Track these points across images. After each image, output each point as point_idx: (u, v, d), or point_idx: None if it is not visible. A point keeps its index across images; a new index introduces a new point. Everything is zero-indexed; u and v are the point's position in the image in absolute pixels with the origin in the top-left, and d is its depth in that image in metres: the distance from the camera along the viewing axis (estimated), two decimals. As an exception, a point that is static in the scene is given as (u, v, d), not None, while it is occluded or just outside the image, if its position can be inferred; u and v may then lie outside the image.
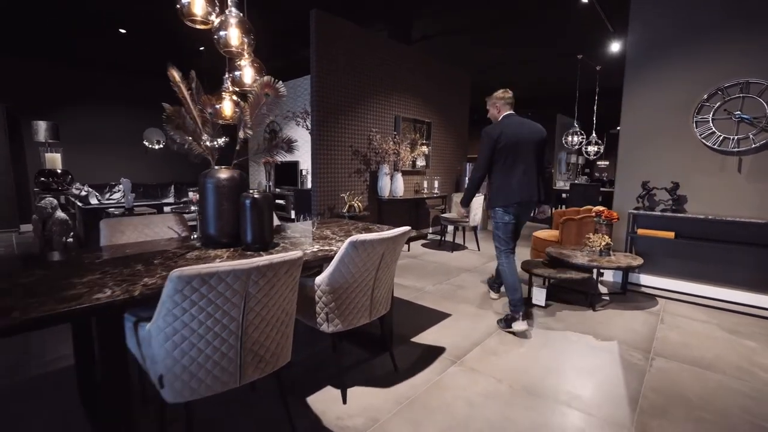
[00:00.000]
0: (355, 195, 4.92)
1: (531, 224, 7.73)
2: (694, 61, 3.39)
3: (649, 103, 3.63)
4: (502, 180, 2.77)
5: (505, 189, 2.75)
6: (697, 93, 3.38)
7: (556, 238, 3.93)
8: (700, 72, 3.36)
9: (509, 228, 2.84)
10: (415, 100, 5.84)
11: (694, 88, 3.39)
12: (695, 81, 3.38)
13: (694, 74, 3.39)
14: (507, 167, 2.76)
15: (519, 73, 8.62)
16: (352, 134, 4.94)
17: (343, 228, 2.63)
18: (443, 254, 5.04)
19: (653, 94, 3.61)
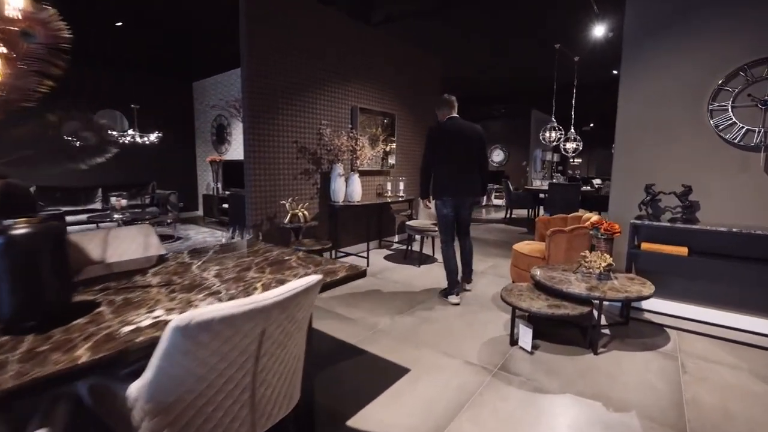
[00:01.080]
0: (300, 201, 4.07)
1: (507, 231, 7.10)
2: (707, 35, 2.74)
3: (651, 89, 2.97)
4: (438, 176, 3.25)
5: (440, 184, 3.23)
6: (712, 74, 2.73)
7: (541, 253, 3.22)
8: (715, 48, 2.71)
9: (448, 220, 3.26)
10: (377, 89, 5.04)
11: (708, 68, 2.74)
12: (709, 59, 2.74)
13: (708, 51, 2.74)
14: (443, 164, 3.21)
15: (493, 64, 7.98)
16: (297, 128, 4.08)
17: (243, 264, 1.79)
18: (408, 270, 4.26)
19: (657, 79, 2.95)
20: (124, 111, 7.23)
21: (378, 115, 5.04)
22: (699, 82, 2.78)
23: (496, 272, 4.21)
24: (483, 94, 10.96)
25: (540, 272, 2.69)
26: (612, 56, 7.18)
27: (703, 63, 2.76)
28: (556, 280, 2.51)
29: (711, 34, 2.73)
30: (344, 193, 4.35)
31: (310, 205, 4.32)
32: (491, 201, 11.18)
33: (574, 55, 7.09)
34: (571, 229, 3.01)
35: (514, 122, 13.17)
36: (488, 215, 9.22)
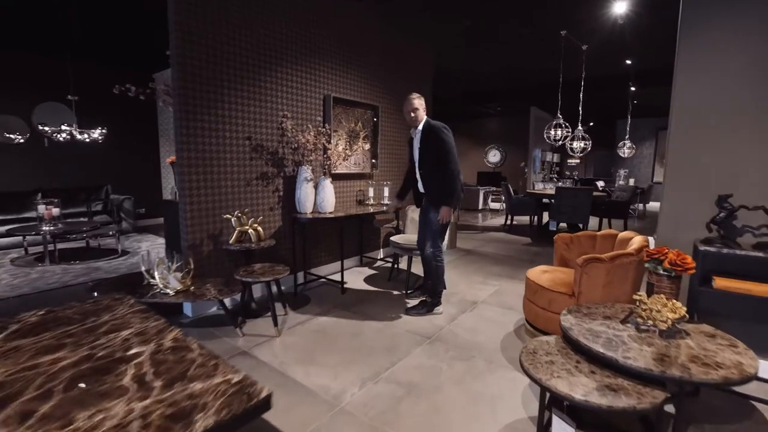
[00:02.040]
0: (255, 214, 3.21)
1: (509, 242, 6.28)
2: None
3: (725, 66, 2.16)
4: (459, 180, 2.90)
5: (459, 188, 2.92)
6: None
7: (567, 288, 2.39)
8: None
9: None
10: (357, 76, 4.19)
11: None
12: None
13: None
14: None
15: (489, 57, 7.18)
16: (252, 120, 3.21)
17: (24, 380, 0.92)
18: (393, 299, 3.41)
19: (734, 52, 2.14)
20: (78, 105, 6.28)
21: (357, 106, 4.19)
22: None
23: (502, 302, 3.37)
24: (477, 91, 10.17)
25: (574, 321, 1.86)
26: (622, 45, 6.44)
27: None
28: (604, 340, 1.68)
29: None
30: (313, 202, 3.49)
31: (270, 219, 3.45)
32: (488, 205, 10.38)
33: (582, 43, 6.32)
34: (611, 258, 2.18)
35: (512, 120, 12.39)
36: (485, 221, 8.41)
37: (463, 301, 3.35)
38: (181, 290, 2.48)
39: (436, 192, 2.94)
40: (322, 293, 3.54)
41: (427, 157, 2.91)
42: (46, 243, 4.44)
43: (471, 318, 2.99)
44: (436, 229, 2.95)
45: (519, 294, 3.52)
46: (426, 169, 2.97)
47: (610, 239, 2.73)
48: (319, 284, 3.78)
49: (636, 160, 12.81)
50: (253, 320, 2.89)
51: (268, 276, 2.64)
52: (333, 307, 3.20)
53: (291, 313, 3.05)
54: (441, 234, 2.99)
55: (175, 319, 2.88)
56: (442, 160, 2.81)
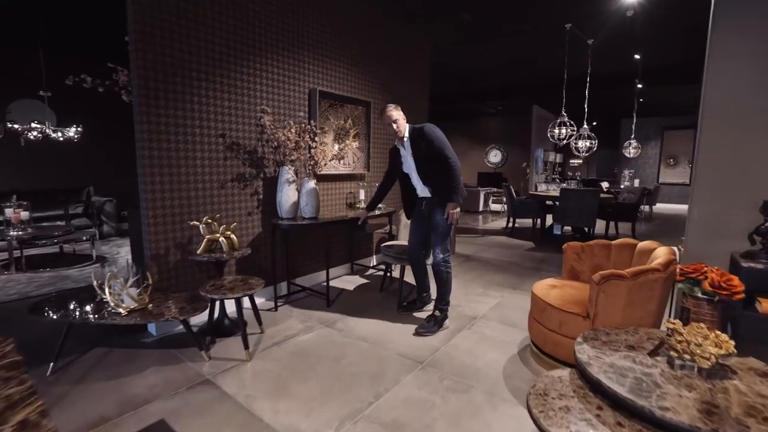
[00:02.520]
0: (230, 219, 2.88)
1: (510, 247, 5.95)
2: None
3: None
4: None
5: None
6: None
7: (581, 307, 2.06)
8: None
9: None
10: (346, 69, 3.87)
11: None
12: None
13: None
14: None
15: (490, 53, 6.86)
16: (226, 116, 2.89)
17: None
18: (384, 314, 3.08)
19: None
20: (57, 102, 5.96)
21: (347, 102, 3.86)
22: None
23: (504, 317, 3.04)
24: (477, 88, 9.85)
25: (592, 354, 1.53)
26: (630, 39, 6.11)
27: None
28: (632, 381, 1.35)
29: None
30: (296, 205, 3.17)
31: (249, 224, 3.13)
32: (488, 206, 10.05)
33: (588, 36, 6.00)
34: (634, 274, 1.85)
35: (513, 120, 12.08)
36: (486, 224, 8.08)
37: (461, 317, 3.02)
38: (137, 309, 2.16)
39: (440, 189, 2.69)
40: (305, 306, 3.21)
41: (425, 158, 2.70)
42: (11, 249, 4.12)
43: (470, 337, 2.66)
44: (443, 231, 2.71)
45: (523, 308, 3.20)
46: (426, 170, 2.74)
47: (627, 250, 2.40)
48: (304, 296, 3.45)
49: (641, 161, 12.48)
50: (225, 340, 2.57)
51: (239, 291, 2.31)
52: (317, 323, 2.88)
53: (268, 331, 2.72)
54: (449, 237, 2.76)
55: (136, 339, 2.56)
56: (440, 155, 2.61)
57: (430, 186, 2.76)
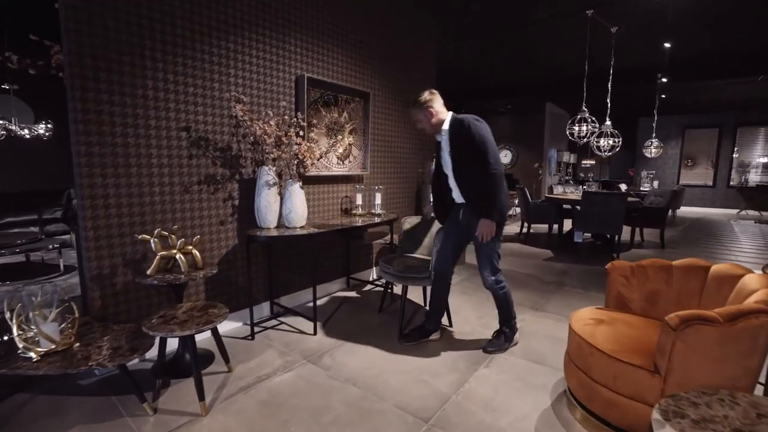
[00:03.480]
0: (185, 231, 2.37)
1: (527, 256, 5.39)
2: None
3: None
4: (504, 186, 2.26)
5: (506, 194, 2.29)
6: None
7: (641, 353, 1.52)
8: None
9: None
10: (341, 55, 3.35)
11: None
12: None
13: None
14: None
15: (501, 47, 6.31)
16: (191, 105, 2.39)
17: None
18: (381, 343, 2.55)
19: None
20: (29, 94, 5.52)
21: (342, 92, 3.35)
22: None
23: (528, 350, 2.50)
24: (487, 86, 9.30)
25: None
26: (659, 26, 5.53)
27: None
28: None
29: None
30: (277, 213, 2.66)
31: (221, 236, 2.62)
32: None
33: (611, 24, 5.43)
34: (729, 317, 1.31)
35: (525, 118, 11.48)
36: (497, 229, 7.50)
37: (475, 348, 2.48)
38: (54, 351, 1.66)
39: (475, 199, 2.31)
40: (289, 332, 2.70)
41: (462, 157, 2.29)
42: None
43: (488, 379, 2.13)
44: (487, 248, 2.33)
45: (550, 336, 2.65)
46: (461, 172, 2.32)
47: (695, 274, 1.85)
48: (288, 318, 2.94)
49: (660, 161, 11.81)
50: (184, 381, 2.06)
51: (192, 325, 1.79)
52: (299, 356, 2.36)
53: (238, 369, 2.21)
54: (496, 254, 2.36)
55: (70, 380, 2.06)
56: (479, 157, 2.19)
57: (464, 192, 2.35)
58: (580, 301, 3.39)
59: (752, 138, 10.62)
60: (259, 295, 2.91)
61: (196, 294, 2.54)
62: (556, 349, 2.46)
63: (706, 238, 6.66)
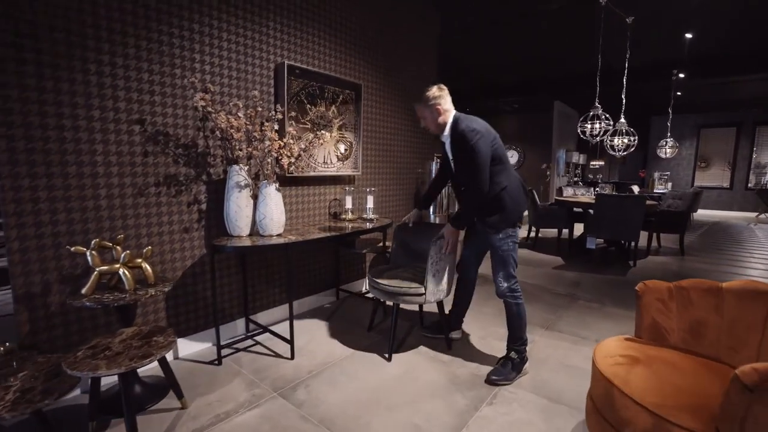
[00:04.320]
0: (142, 240, 2.03)
1: (535, 264, 5.01)
2: None
3: None
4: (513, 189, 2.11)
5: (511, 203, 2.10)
6: None
7: (692, 411, 1.15)
8: None
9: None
10: (329, 40, 3.01)
11: None
12: None
13: None
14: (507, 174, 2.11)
15: (506, 41, 5.93)
16: (146, 93, 2.05)
17: None
18: (369, 371, 2.20)
19: None
20: None
21: (330, 83, 3.00)
22: None
23: (540, 382, 2.12)
24: (491, 84, 8.91)
25: None
26: (679, 16, 5.12)
27: None
28: None
29: None
30: (250, 218, 2.32)
31: (184, 245, 2.28)
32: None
33: (626, 14, 5.04)
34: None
35: (532, 117, 11.09)
36: (503, 233, 7.10)
37: (477, 379, 2.12)
38: (-54, 396, 1.32)
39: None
40: (262, 356, 2.35)
41: (458, 161, 2.19)
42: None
43: (491, 421, 1.76)
44: (502, 254, 2.13)
45: (564, 364, 2.28)
46: (460, 176, 2.22)
47: (754, 300, 1.47)
48: (265, 337, 2.59)
49: (673, 162, 11.34)
50: (126, 421, 1.71)
51: (124, 360, 1.45)
52: (269, 388, 2.01)
53: (194, 405, 1.86)
54: (512, 258, 2.14)
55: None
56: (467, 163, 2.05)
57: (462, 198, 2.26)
58: (598, 319, 3.00)
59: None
60: (232, 311, 2.57)
61: (155, 312, 2.20)
62: (574, 382, 2.09)
63: (728, 244, 6.22)
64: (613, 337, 1.68)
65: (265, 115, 2.39)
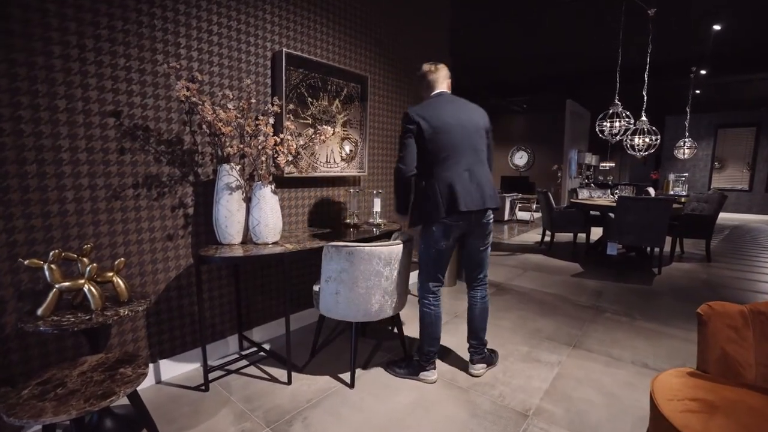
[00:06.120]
0: (112, 249, 1.77)
1: (552, 271, 4.70)
2: None
3: None
4: (431, 185, 1.91)
5: (434, 198, 1.89)
6: None
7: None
8: None
9: (442, 256, 1.99)
10: (332, 28, 2.74)
11: None
12: None
13: None
14: (439, 165, 1.90)
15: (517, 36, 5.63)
16: (123, 82, 1.80)
17: None
18: (376, 397, 1.92)
19: None
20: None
21: (333, 75, 2.73)
22: None
23: (576, 414, 1.83)
24: (501, 82, 8.61)
25: None
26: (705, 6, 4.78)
27: None
28: None
29: None
30: (243, 225, 2.06)
31: (168, 255, 2.01)
32: (515, 215, 8.76)
33: (649, 6, 4.73)
34: None
35: (542, 117, 10.79)
36: (513, 237, 6.81)
37: (502, 411, 1.83)
38: None
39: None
40: (258, 379, 2.07)
41: None
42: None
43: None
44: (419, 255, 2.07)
45: (601, 389, 1.98)
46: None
47: None
48: (260, 357, 2.32)
49: (689, 163, 10.96)
50: (90, 464, 1.44)
51: (78, 400, 1.18)
52: (261, 421, 1.73)
53: (173, 444, 1.60)
54: (424, 265, 2.05)
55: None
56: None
57: None
58: (629, 336, 2.70)
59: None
60: (223, 327, 2.30)
61: (134, 331, 1.93)
62: (614, 413, 1.80)
63: (756, 250, 5.87)
64: (673, 370, 1.39)
65: (261, 109, 2.13)
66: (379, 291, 1.96)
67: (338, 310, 1.99)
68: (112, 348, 1.84)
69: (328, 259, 1.96)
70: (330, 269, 1.96)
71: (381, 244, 1.90)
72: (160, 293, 2.00)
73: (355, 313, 1.98)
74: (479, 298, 2.14)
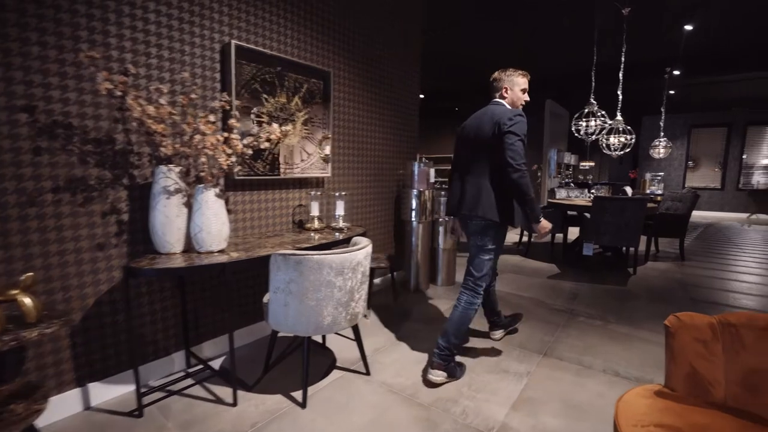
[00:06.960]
0: (27, 261, 1.56)
1: (528, 273, 4.63)
2: None
3: None
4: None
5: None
6: None
7: None
8: None
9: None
10: (289, 21, 2.58)
11: None
12: None
13: None
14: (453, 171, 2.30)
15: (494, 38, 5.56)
16: (37, 72, 1.59)
17: None
18: (326, 421, 1.76)
19: None
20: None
21: (292, 69, 2.57)
22: None
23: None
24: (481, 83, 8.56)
25: None
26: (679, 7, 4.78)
27: None
28: None
29: None
30: (183, 232, 1.87)
31: (98, 266, 1.81)
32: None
33: (623, 4, 4.71)
34: None
35: (521, 117, 10.77)
36: (493, 238, 6.72)
37: (462, 427, 1.70)
38: None
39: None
40: (198, 403, 1.89)
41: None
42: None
43: None
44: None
45: (569, 403, 1.87)
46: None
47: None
48: (208, 374, 2.13)
49: (664, 163, 11.14)
50: None
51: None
52: (198, 452, 1.56)
53: (91, 482, 1.41)
54: (489, 262, 2.21)
55: None
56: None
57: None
58: (602, 341, 2.62)
59: (760, 138, 9.97)
60: (167, 342, 2.11)
61: (55, 353, 1.73)
62: (582, 427, 1.69)
63: (727, 248, 5.93)
64: (639, 388, 1.28)
65: (208, 106, 1.95)
66: (331, 303, 1.80)
67: (288, 324, 1.83)
68: (28, 373, 1.64)
69: (275, 268, 1.79)
70: (278, 279, 1.79)
71: (331, 252, 1.75)
72: (88, 309, 1.80)
73: (306, 326, 1.82)
74: (461, 301, 2.12)
